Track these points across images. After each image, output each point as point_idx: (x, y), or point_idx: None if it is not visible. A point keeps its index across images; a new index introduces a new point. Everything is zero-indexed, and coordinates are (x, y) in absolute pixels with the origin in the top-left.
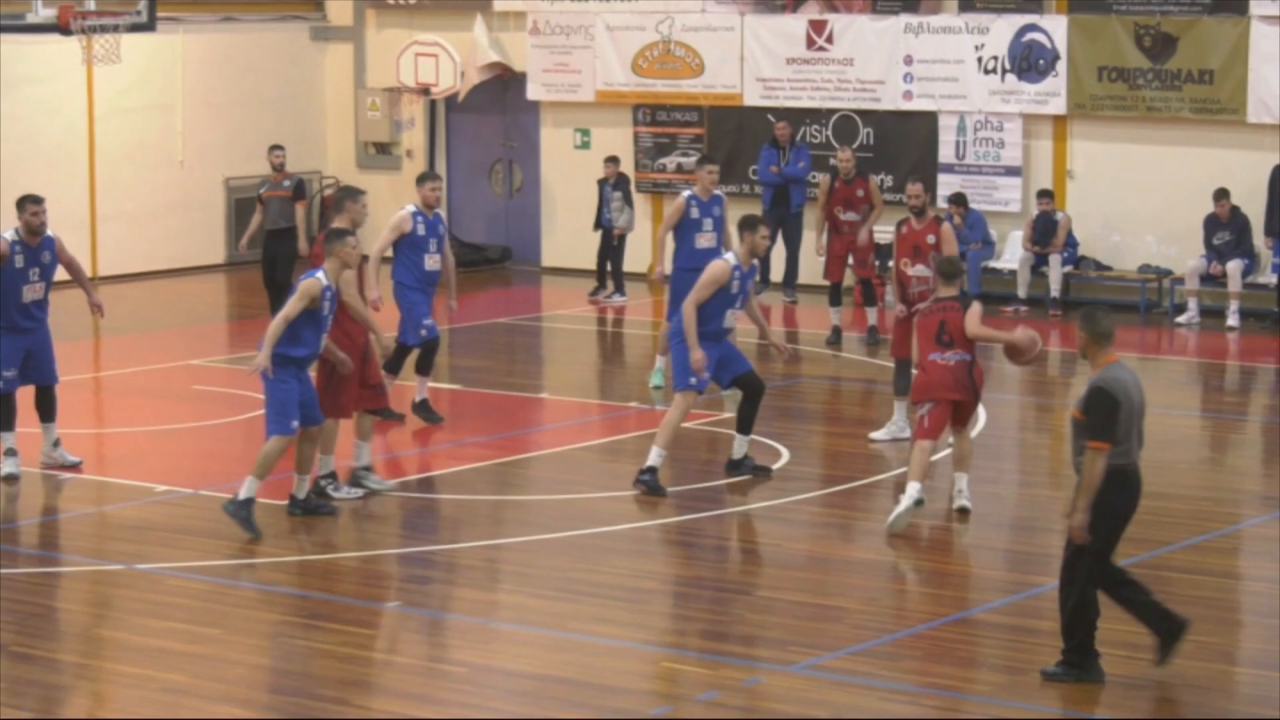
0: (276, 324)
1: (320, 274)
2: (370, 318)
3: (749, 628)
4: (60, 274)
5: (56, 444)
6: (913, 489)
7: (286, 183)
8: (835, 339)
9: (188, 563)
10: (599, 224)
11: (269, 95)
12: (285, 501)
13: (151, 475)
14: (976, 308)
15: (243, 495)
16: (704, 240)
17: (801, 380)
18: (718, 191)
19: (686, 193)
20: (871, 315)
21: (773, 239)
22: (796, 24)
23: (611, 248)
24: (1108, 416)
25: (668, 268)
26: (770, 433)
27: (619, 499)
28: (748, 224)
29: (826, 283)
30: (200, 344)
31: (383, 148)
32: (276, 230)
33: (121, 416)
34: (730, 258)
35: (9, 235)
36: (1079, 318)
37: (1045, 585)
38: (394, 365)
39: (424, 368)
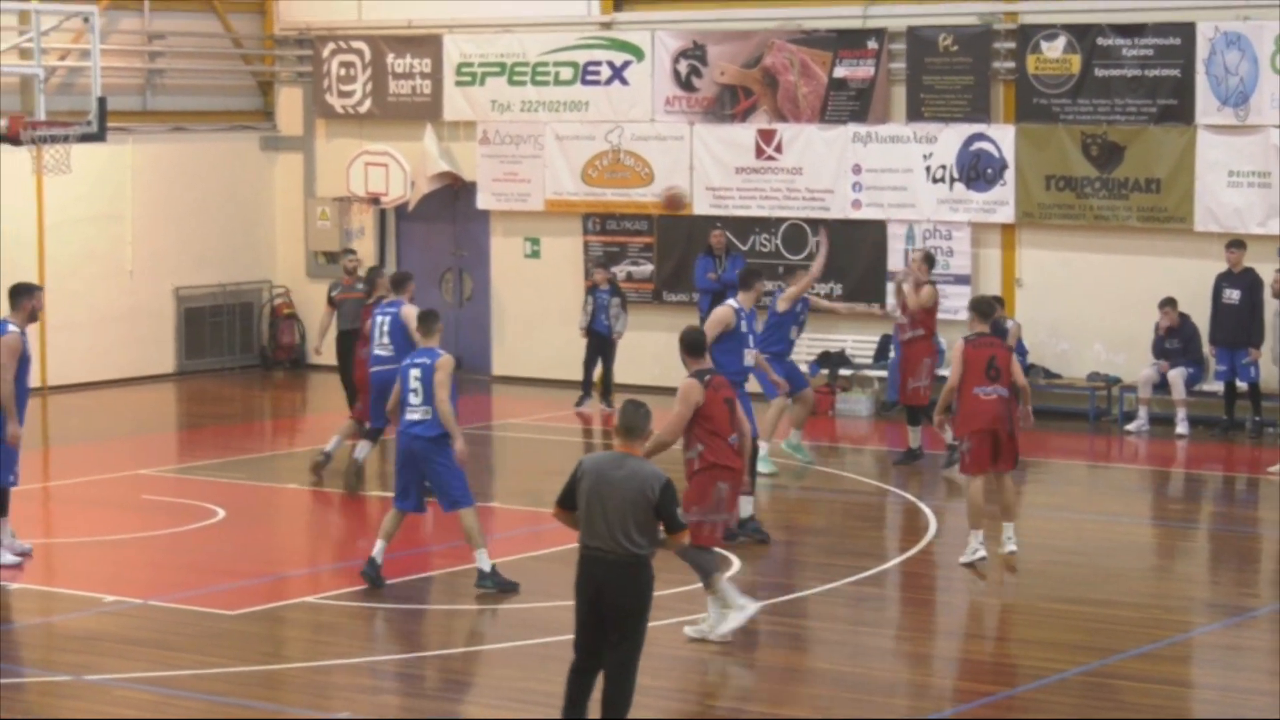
0: (450, 410)
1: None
2: None
3: None
4: None
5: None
6: (975, 539)
7: (359, 285)
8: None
9: (136, 673)
10: (590, 330)
11: (219, 205)
12: (225, 610)
13: (100, 585)
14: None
15: (487, 568)
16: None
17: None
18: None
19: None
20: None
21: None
22: (745, 133)
23: (606, 356)
24: (567, 482)
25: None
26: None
27: (569, 608)
28: (755, 274)
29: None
30: (149, 453)
31: (333, 257)
32: (351, 331)
33: (70, 526)
34: (733, 302)
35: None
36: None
37: (1000, 693)
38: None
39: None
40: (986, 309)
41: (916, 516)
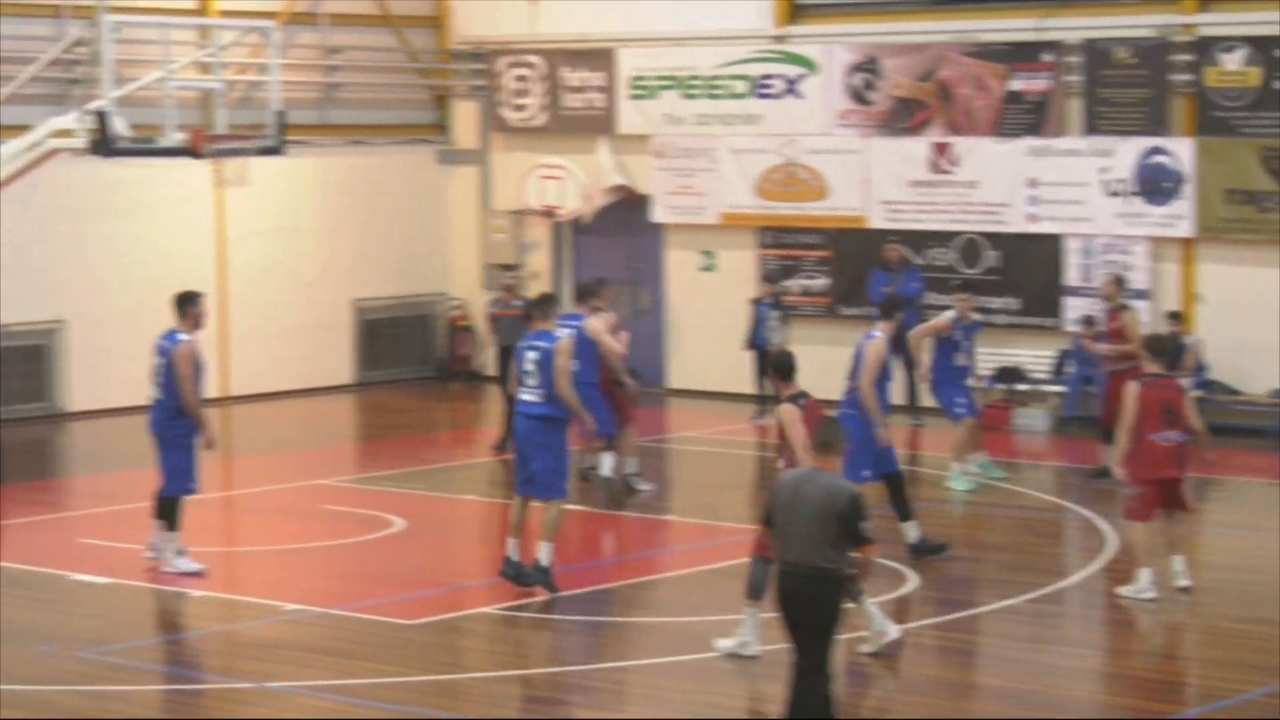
0: (572, 394)
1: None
2: None
3: None
4: None
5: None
6: (1145, 577)
7: (516, 303)
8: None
9: (318, 681)
10: (752, 344)
11: (396, 217)
12: (405, 620)
13: (280, 594)
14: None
15: (545, 563)
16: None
17: (927, 504)
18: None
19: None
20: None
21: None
22: (919, 146)
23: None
24: (768, 500)
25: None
26: (897, 556)
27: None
28: (895, 304)
29: None
30: (330, 464)
31: (508, 269)
32: (511, 346)
33: (251, 535)
34: (878, 334)
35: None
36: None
37: (1179, 713)
38: None
39: None
40: (1161, 348)
41: (1094, 534)
